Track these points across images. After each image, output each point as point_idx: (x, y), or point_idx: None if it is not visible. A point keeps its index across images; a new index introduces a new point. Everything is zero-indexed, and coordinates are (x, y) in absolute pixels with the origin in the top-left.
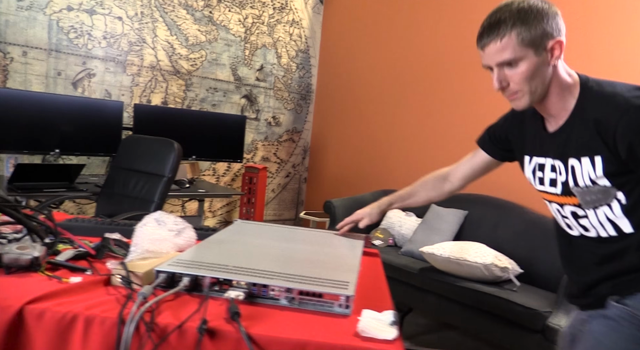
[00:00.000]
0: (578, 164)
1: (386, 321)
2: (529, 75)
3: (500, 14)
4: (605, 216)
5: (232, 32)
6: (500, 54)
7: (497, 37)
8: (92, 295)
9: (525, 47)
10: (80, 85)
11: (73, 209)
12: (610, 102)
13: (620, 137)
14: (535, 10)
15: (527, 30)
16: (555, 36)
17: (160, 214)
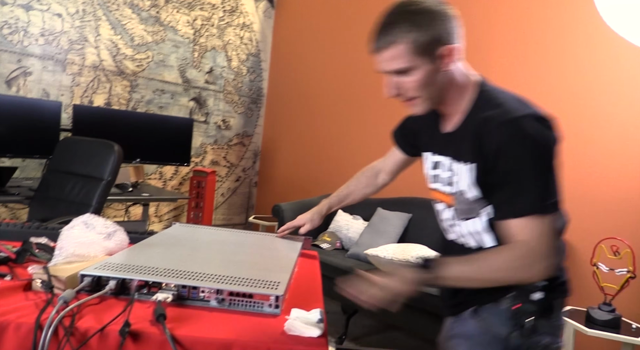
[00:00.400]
0: (462, 168)
1: (313, 319)
2: (423, 83)
3: (393, 18)
4: (472, 228)
5: (180, 33)
6: (392, 62)
7: (389, 44)
8: (8, 301)
9: (418, 55)
10: (14, 83)
11: (5, 213)
12: (497, 111)
13: (495, 149)
14: (429, 15)
15: (420, 37)
16: (446, 42)
17: (88, 217)
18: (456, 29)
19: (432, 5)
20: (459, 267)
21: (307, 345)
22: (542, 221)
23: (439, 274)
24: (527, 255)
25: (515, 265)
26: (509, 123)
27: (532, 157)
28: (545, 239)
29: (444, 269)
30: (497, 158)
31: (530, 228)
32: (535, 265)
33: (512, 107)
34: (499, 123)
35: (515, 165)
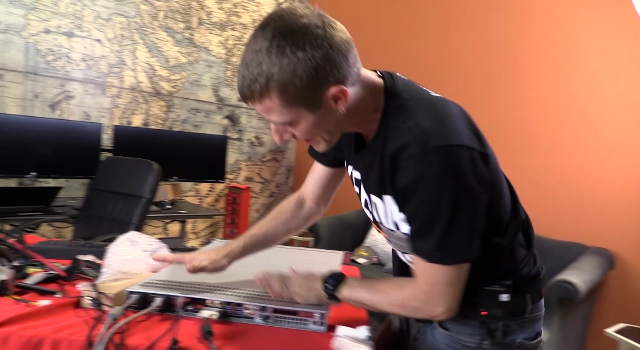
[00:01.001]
0: (380, 202)
1: (361, 337)
2: (312, 130)
3: (255, 57)
4: None
5: (213, 53)
6: (268, 115)
7: (256, 99)
8: (60, 318)
9: (294, 106)
10: (58, 107)
11: (51, 232)
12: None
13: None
14: (301, 48)
15: (290, 85)
16: (332, 82)
17: (133, 234)
18: (345, 49)
19: (309, 27)
20: (361, 293)
21: None
22: (439, 269)
23: (340, 295)
24: (420, 299)
25: (411, 305)
26: (424, 154)
27: (441, 201)
28: (439, 288)
29: (346, 291)
30: (406, 194)
31: (427, 273)
32: (427, 309)
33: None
34: (408, 153)
35: (422, 206)
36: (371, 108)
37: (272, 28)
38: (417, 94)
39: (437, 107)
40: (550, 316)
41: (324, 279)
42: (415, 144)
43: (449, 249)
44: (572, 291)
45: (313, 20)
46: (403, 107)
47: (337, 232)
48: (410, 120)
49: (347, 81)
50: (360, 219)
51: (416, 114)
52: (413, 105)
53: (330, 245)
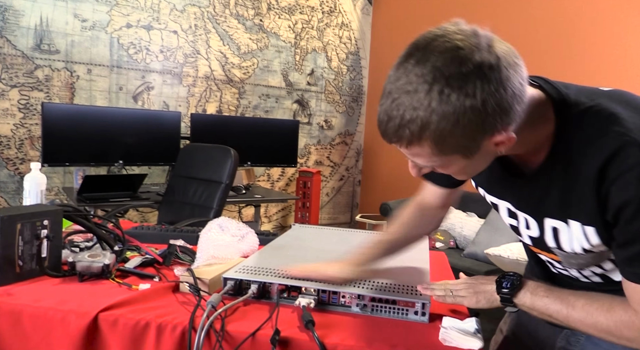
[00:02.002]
0: (564, 227)
1: (469, 329)
2: (462, 173)
3: (405, 103)
4: (592, 273)
5: (282, 38)
6: (414, 158)
7: (404, 145)
8: (162, 303)
9: (448, 155)
10: (140, 98)
11: (136, 217)
12: (613, 143)
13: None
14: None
15: (448, 135)
16: (498, 129)
17: (223, 220)
18: (521, 95)
19: (480, 66)
20: (550, 304)
21: None
22: None
23: (519, 301)
24: (631, 327)
25: (624, 334)
26: None
27: None
28: None
29: (526, 297)
30: (628, 211)
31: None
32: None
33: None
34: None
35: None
36: (532, 126)
37: (432, 66)
38: (593, 94)
39: (630, 99)
40: None
41: (498, 281)
42: (633, 151)
43: None
44: None
45: (485, 57)
46: (590, 112)
47: None
48: (614, 123)
49: (515, 123)
50: None
51: (618, 115)
52: (605, 108)
53: None
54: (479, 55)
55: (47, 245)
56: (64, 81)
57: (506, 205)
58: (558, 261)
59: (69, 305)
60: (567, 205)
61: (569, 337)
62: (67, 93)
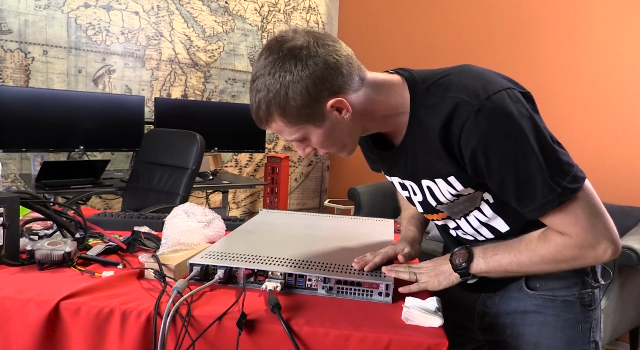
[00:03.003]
0: (434, 185)
1: (430, 308)
2: (326, 143)
3: (255, 93)
4: (477, 221)
5: (248, 21)
6: (281, 135)
7: (265, 124)
8: (126, 289)
9: (299, 124)
10: (100, 81)
11: (100, 204)
12: (448, 105)
13: (464, 148)
14: (291, 70)
15: (288, 107)
16: (327, 95)
17: (189, 206)
18: (334, 62)
19: (295, 48)
20: (501, 259)
21: (428, 335)
22: (571, 208)
23: (475, 270)
24: (574, 244)
25: (567, 255)
26: (475, 113)
27: (521, 142)
28: (584, 224)
29: (481, 264)
30: (479, 162)
31: (563, 221)
32: (588, 252)
33: (464, 87)
34: (463, 118)
35: (506, 160)
36: (394, 105)
37: (264, 57)
38: (439, 72)
39: (466, 68)
40: (609, 283)
41: (451, 259)
42: (463, 107)
43: (561, 182)
44: (634, 258)
45: (298, 42)
46: (433, 85)
47: (378, 199)
48: (447, 90)
49: (345, 90)
50: None
51: (450, 83)
52: (443, 79)
53: (371, 213)
54: (292, 42)
55: (4, 233)
56: (17, 63)
57: (397, 180)
58: (448, 218)
59: (28, 294)
60: (430, 166)
61: (485, 300)
62: (21, 75)
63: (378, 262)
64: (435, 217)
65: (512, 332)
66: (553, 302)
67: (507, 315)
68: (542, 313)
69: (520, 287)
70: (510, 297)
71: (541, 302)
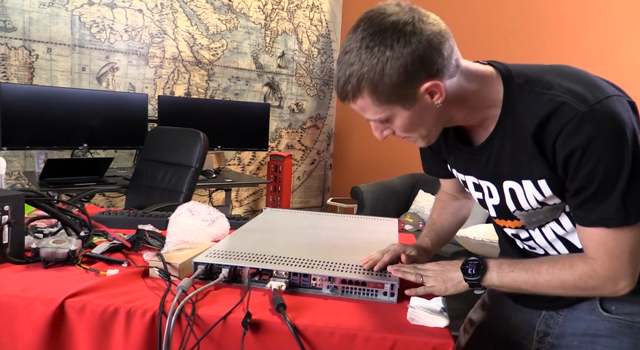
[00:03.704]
0: (519, 187)
1: (436, 308)
2: (410, 127)
3: (347, 58)
4: (553, 234)
5: (252, 19)
6: (364, 114)
7: (350, 100)
8: (131, 288)
9: (388, 104)
10: (104, 79)
11: (103, 202)
12: (549, 104)
13: (568, 153)
14: (390, 44)
15: (381, 84)
16: (424, 77)
17: (193, 204)
18: (437, 42)
19: (398, 23)
20: (517, 277)
21: (433, 335)
22: (624, 234)
23: (487, 283)
24: (601, 276)
25: (588, 284)
26: (583, 115)
27: (619, 157)
28: (624, 258)
29: (494, 277)
30: (570, 164)
31: (608, 243)
32: (608, 286)
33: (569, 90)
34: (566, 118)
35: (597, 170)
36: (486, 96)
37: (362, 29)
38: (535, 68)
39: (567, 69)
40: None
41: (463, 268)
42: (568, 108)
43: (632, 206)
44: None
45: (402, 17)
46: (531, 81)
47: (381, 198)
48: (549, 89)
49: (442, 75)
50: (405, 185)
51: (552, 82)
52: (543, 76)
53: (374, 211)
54: (395, 16)
55: (9, 231)
56: (22, 60)
57: (472, 180)
58: (522, 227)
59: (34, 292)
60: (519, 166)
61: (548, 319)
62: (25, 73)
63: (387, 261)
64: (509, 224)
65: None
66: (630, 328)
67: (574, 337)
68: (617, 339)
69: (593, 308)
70: (578, 318)
71: (616, 327)
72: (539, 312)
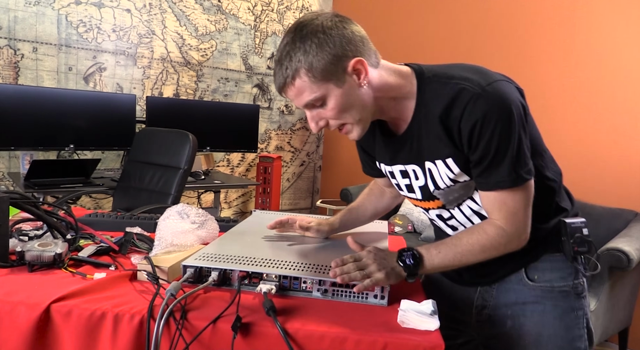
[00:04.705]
0: (434, 167)
1: (426, 311)
2: (342, 108)
3: (284, 50)
4: (470, 209)
5: (241, 20)
6: (300, 98)
7: (287, 79)
8: (118, 292)
9: (321, 82)
10: (91, 79)
11: (90, 204)
12: (451, 89)
13: (469, 130)
14: (320, 34)
15: (316, 62)
16: (350, 56)
17: (182, 207)
18: (358, 37)
19: (323, 22)
20: (442, 255)
21: (424, 338)
22: (518, 194)
23: (424, 271)
24: (507, 233)
25: (500, 242)
26: (479, 96)
27: (508, 128)
28: (521, 214)
29: (428, 265)
30: (473, 138)
31: (507, 203)
32: (514, 241)
33: (466, 78)
34: (465, 101)
35: (493, 139)
36: (403, 89)
37: (292, 32)
38: (443, 66)
39: (467, 65)
40: (599, 285)
41: (401, 259)
42: (466, 92)
43: (520, 169)
44: (624, 260)
45: (326, 21)
46: (438, 75)
47: None
48: (451, 79)
49: (365, 58)
50: None
51: (454, 74)
52: (447, 71)
53: None
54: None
55: None
56: (6, 60)
57: (399, 168)
58: (443, 206)
59: (18, 296)
60: (432, 148)
61: (483, 294)
62: (10, 72)
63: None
64: (432, 204)
65: (513, 324)
66: (551, 292)
67: (507, 307)
68: (541, 303)
69: (520, 279)
70: (509, 289)
71: (540, 293)
72: (475, 288)
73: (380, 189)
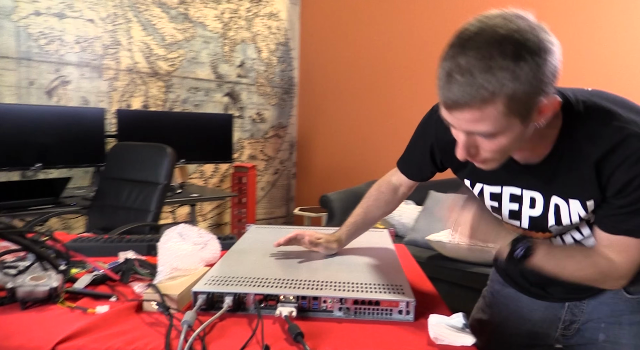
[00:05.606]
0: (564, 205)
1: (457, 325)
2: (509, 147)
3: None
4: (572, 239)
5: (209, 28)
6: (475, 124)
7: (475, 106)
8: (127, 326)
9: (512, 116)
10: (55, 94)
11: (58, 225)
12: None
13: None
14: (535, 58)
15: (519, 92)
16: (550, 92)
17: (183, 227)
18: (557, 65)
19: (540, 37)
20: (547, 263)
21: None
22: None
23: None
24: (611, 273)
25: (597, 278)
26: None
27: None
28: (635, 265)
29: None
30: (629, 187)
31: (628, 251)
32: (615, 282)
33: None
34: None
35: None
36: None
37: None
38: (585, 93)
39: (625, 100)
40: None
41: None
42: (634, 140)
43: None
44: None
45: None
46: (592, 108)
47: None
48: (613, 120)
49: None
50: None
51: (614, 114)
52: (603, 104)
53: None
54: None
55: None
56: None
57: (510, 191)
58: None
59: (17, 339)
60: (572, 186)
61: (572, 309)
62: None
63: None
64: (538, 235)
65: (607, 337)
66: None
67: (599, 320)
68: (638, 313)
69: (616, 292)
70: (602, 303)
71: (636, 304)
72: (562, 303)
73: (393, 190)
